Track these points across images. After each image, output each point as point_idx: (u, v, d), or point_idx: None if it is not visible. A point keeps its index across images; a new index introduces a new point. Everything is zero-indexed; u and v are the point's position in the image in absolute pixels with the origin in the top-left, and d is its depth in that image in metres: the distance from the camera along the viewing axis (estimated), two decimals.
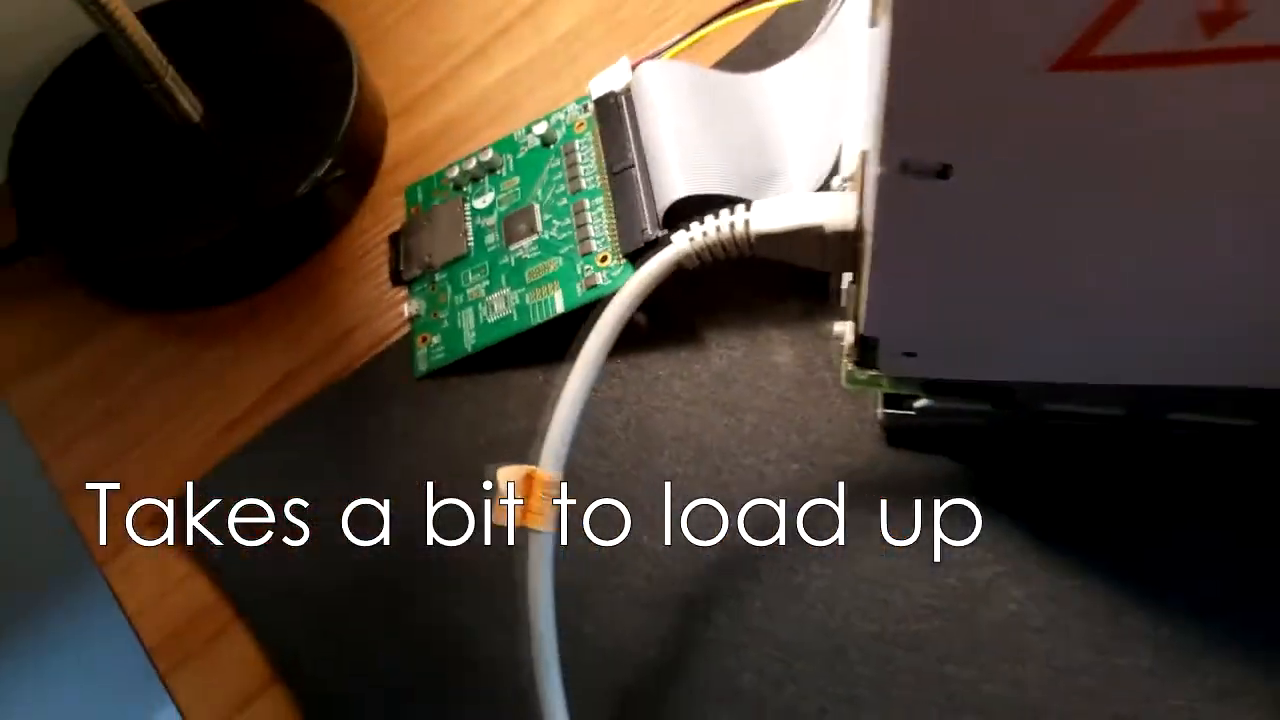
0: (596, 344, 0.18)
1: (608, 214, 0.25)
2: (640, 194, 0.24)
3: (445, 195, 0.29)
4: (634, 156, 0.25)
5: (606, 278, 0.24)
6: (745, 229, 0.18)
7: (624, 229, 0.24)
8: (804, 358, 0.25)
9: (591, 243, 0.25)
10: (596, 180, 0.26)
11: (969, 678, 0.20)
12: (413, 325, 0.27)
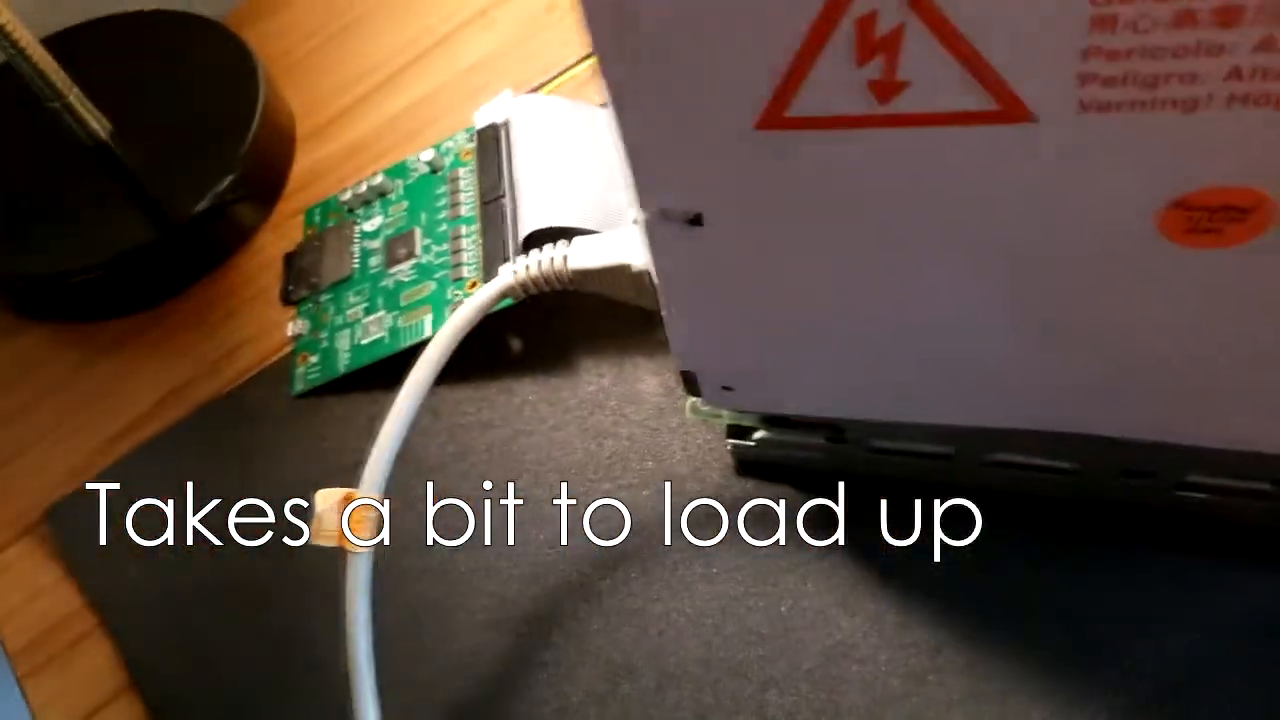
0: (422, 373, 0.19)
1: (479, 242, 0.26)
2: (507, 223, 0.25)
3: (339, 217, 0.30)
4: (505, 187, 0.26)
5: (470, 305, 0.25)
6: (563, 264, 0.19)
7: (489, 257, 0.25)
8: (667, 387, 0.26)
9: (464, 269, 0.26)
10: (475, 208, 0.27)
11: (787, 705, 0.21)
12: (295, 344, 0.28)
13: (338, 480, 0.26)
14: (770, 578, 0.23)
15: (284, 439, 0.27)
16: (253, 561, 0.25)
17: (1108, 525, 0.22)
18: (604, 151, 0.26)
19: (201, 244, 0.30)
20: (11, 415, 0.29)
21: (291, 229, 0.31)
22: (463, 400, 0.27)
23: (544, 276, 0.19)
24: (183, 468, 0.27)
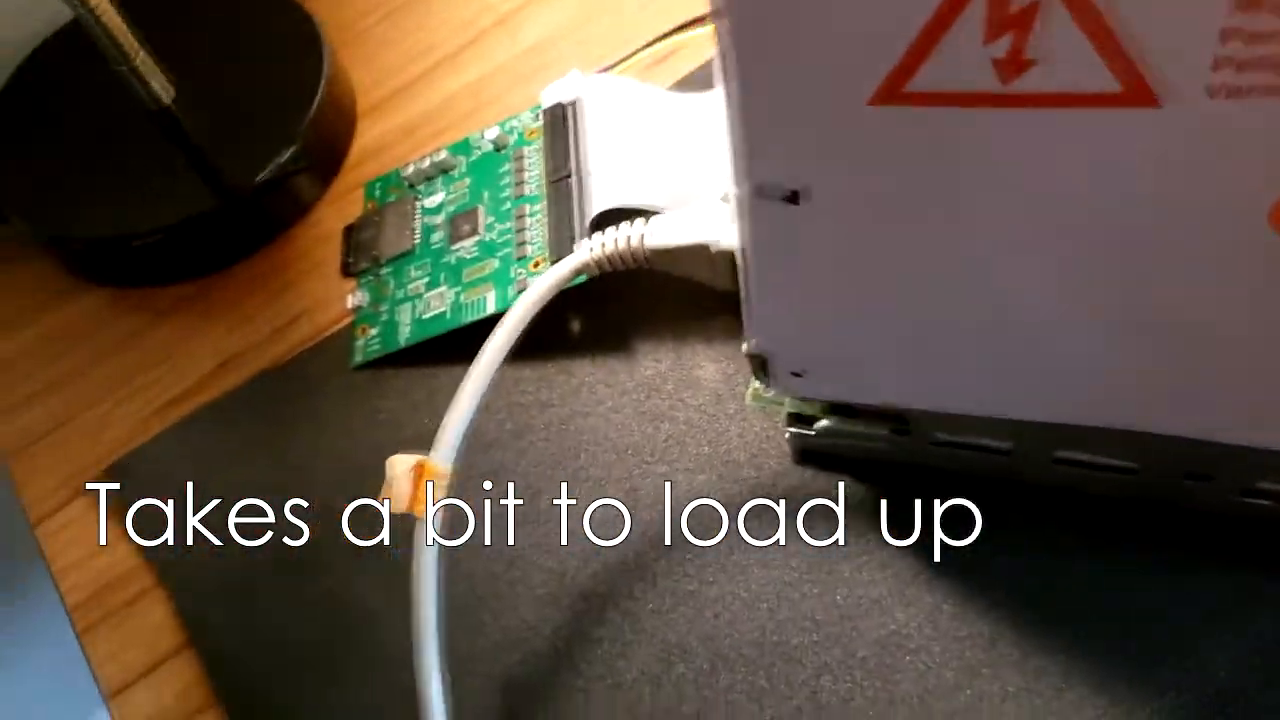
0: (497, 343, 0.20)
1: (545, 221, 0.27)
2: (574, 203, 0.26)
3: (400, 192, 0.30)
4: (573, 166, 0.26)
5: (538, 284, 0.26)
6: (640, 243, 0.19)
7: (555, 236, 0.26)
8: (725, 373, 0.26)
9: (527, 247, 0.27)
10: (539, 187, 0.28)
11: (841, 691, 0.21)
12: (355, 317, 0.29)
13: (394, 452, 0.26)
14: (826, 566, 0.23)
15: (342, 410, 0.27)
16: (309, 526, 0.25)
17: (1168, 527, 0.22)
18: (674, 135, 0.26)
19: (261, 214, 0.31)
20: (72, 375, 0.30)
21: (350, 203, 0.32)
22: (521, 378, 0.27)
23: (620, 254, 0.20)
24: (241, 434, 0.27)
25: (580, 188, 0.26)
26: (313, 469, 0.27)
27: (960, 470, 0.23)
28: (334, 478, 0.26)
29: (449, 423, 0.20)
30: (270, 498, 0.26)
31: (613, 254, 0.20)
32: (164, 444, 0.28)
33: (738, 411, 0.26)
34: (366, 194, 0.31)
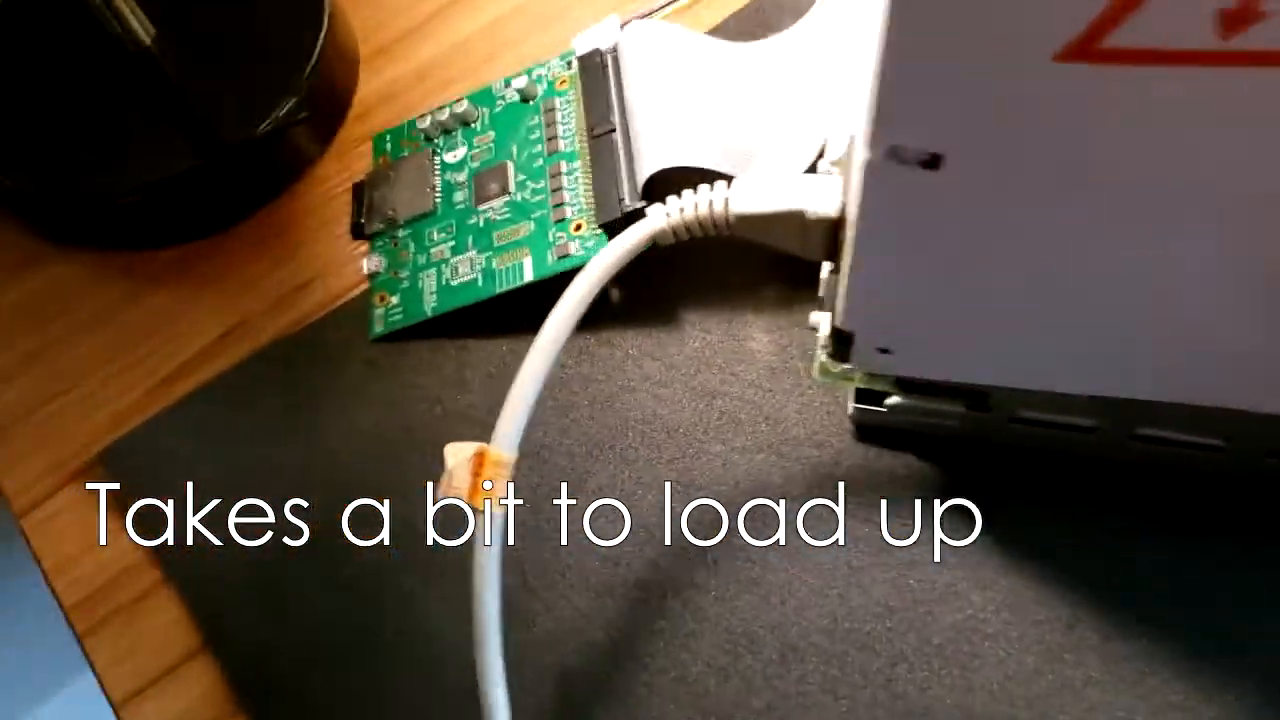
0: (560, 320, 0.18)
1: (585, 179, 0.25)
2: (620, 161, 0.24)
3: (415, 146, 0.28)
4: (616, 120, 0.25)
5: (580, 248, 0.24)
6: (724, 208, 0.18)
7: (601, 197, 0.24)
8: (779, 345, 0.25)
9: (566, 209, 0.25)
10: (576, 142, 0.26)
11: (918, 680, 0.21)
12: (371, 282, 0.27)
13: (426, 432, 0.25)
14: (891, 549, 0.22)
15: (368, 385, 0.25)
16: (334, 514, 0.24)
17: (1253, 506, 0.21)
18: (726, 88, 0.24)
19: (260, 170, 0.29)
20: (50, 350, 0.27)
21: (356, 158, 0.30)
22: (564, 351, 0.25)
23: (700, 220, 0.18)
24: (253, 412, 0.25)
25: (627, 145, 0.24)
26: (339, 450, 0.25)
27: (1032, 446, 0.22)
28: (364, 460, 0.24)
29: (511, 406, 0.18)
30: (293, 481, 0.24)
31: (692, 220, 0.18)
32: (164, 425, 0.26)
33: (794, 386, 0.24)
34: (376, 148, 0.29)
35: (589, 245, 0.24)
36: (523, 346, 0.24)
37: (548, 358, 0.18)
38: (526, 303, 0.25)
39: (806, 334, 0.25)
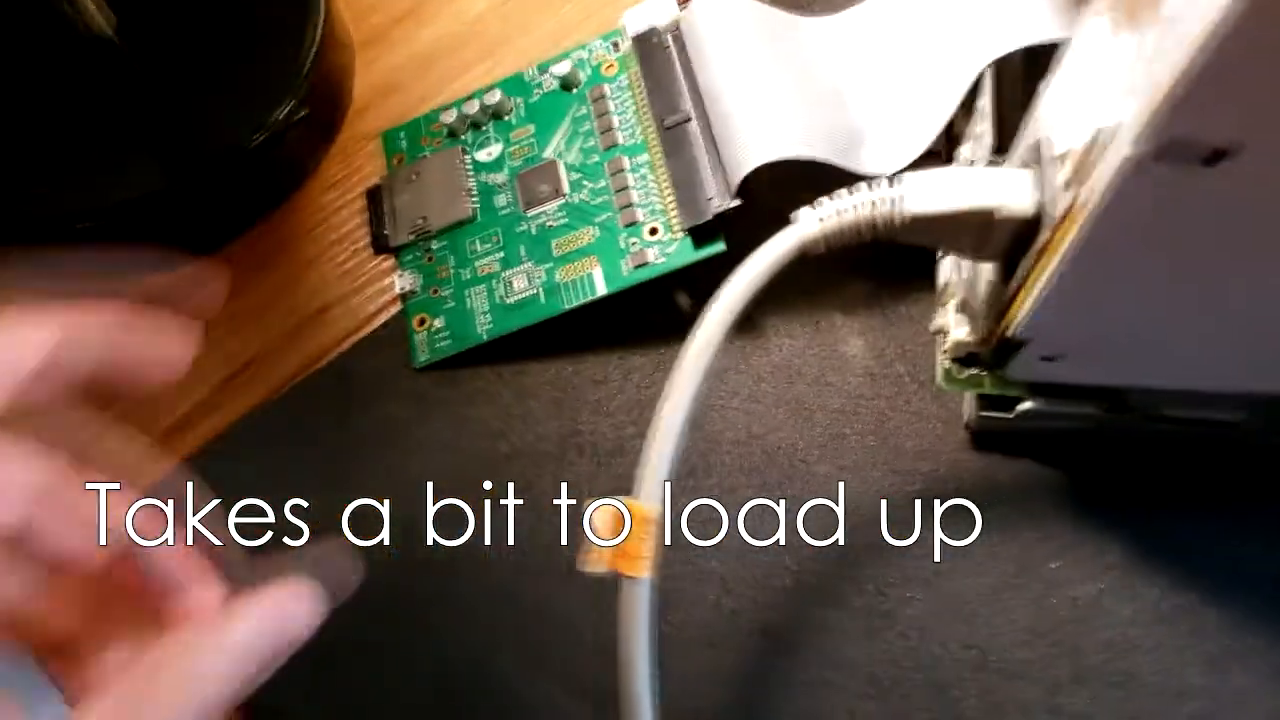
0: (700, 350, 0.16)
1: (656, 176, 0.22)
2: (702, 155, 0.22)
3: (438, 144, 0.25)
4: (689, 108, 0.22)
5: (659, 254, 0.22)
6: (894, 209, 0.16)
7: (684, 196, 0.21)
8: (875, 348, 0.23)
9: (636, 211, 0.22)
10: (637, 134, 0.23)
11: (1080, 709, 0.19)
12: (405, 304, 0.24)
13: (495, 474, 0.22)
14: (1029, 567, 0.21)
15: (410, 425, 0.22)
16: (388, 570, 0.21)
17: None
18: (808, 66, 0.22)
19: (257, 180, 0.25)
20: None
21: (363, 160, 0.26)
22: (634, 369, 0.23)
23: (865, 224, 0.16)
24: (273, 472, 0.22)
25: (708, 135, 0.22)
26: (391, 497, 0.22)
27: (1163, 443, 0.21)
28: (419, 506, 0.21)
29: (654, 453, 0.16)
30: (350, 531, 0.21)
31: (853, 224, 0.16)
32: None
33: (896, 393, 0.23)
34: (388, 147, 0.26)
35: (669, 251, 0.22)
36: (589, 366, 0.22)
37: (689, 394, 0.16)
38: (588, 317, 0.22)
39: (904, 334, 0.23)
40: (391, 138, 0.26)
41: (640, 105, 0.23)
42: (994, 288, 0.17)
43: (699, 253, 0.21)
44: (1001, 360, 0.18)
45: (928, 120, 0.20)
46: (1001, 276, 0.17)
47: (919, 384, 0.22)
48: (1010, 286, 0.16)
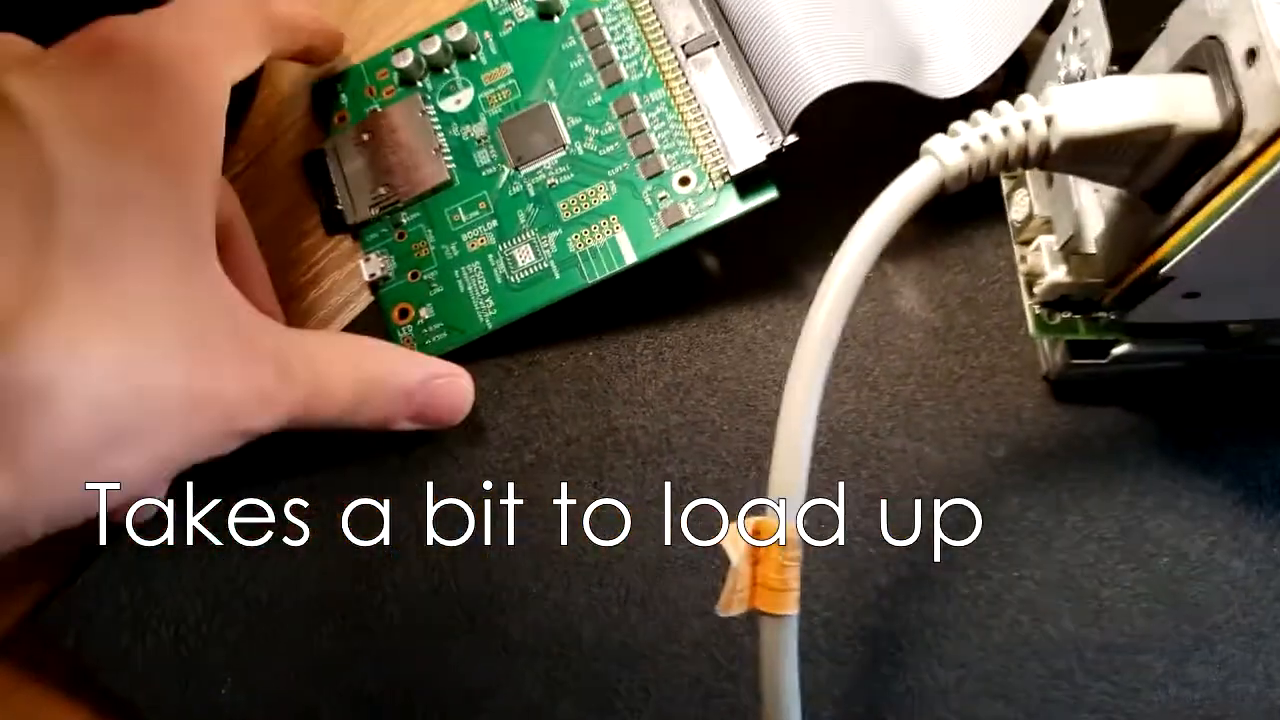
0: (826, 328, 0.13)
1: (683, 114, 0.19)
2: (738, 83, 0.18)
3: (389, 94, 0.21)
4: (713, 27, 0.19)
5: (696, 209, 0.18)
6: (1048, 129, 0.13)
7: (724, 136, 0.18)
8: (933, 299, 0.21)
9: (660, 158, 0.19)
10: (646, 65, 0.19)
11: (1212, 677, 0.18)
12: (377, 293, 0.19)
13: (530, 484, 0.18)
14: (1132, 527, 0.19)
15: (410, 434, 0.18)
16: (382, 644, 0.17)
17: None
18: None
19: None
20: None
21: (291, 119, 0.22)
22: (666, 346, 0.20)
23: (1012, 151, 0.13)
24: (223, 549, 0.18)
25: (742, 60, 0.18)
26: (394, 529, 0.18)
27: (1257, 375, 0.19)
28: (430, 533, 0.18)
29: (781, 463, 0.13)
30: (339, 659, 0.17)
31: (1002, 151, 0.13)
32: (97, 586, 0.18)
33: (963, 347, 0.20)
34: (320, 104, 0.21)
35: (709, 205, 0.19)
36: (612, 349, 0.19)
37: (817, 383, 0.13)
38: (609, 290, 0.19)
39: (961, 281, 0.21)
40: (324, 91, 0.21)
41: (647, 30, 0.20)
42: (1133, 221, 0.15)
43: (747, 202, 0.18)
44: (1130, 302, 0.16)
45: (1006, 25, 0.17)
46: (1152, 206, 0.14)
47: (985, 335, 0.20)
48: (1167, 218, 0.14)
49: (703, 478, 0.19)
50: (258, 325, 0.16)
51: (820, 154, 0.18)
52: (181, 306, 0.14)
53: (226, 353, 0.15)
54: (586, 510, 0.19)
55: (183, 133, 0.15)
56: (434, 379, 0.18)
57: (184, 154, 0.15)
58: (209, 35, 0.16)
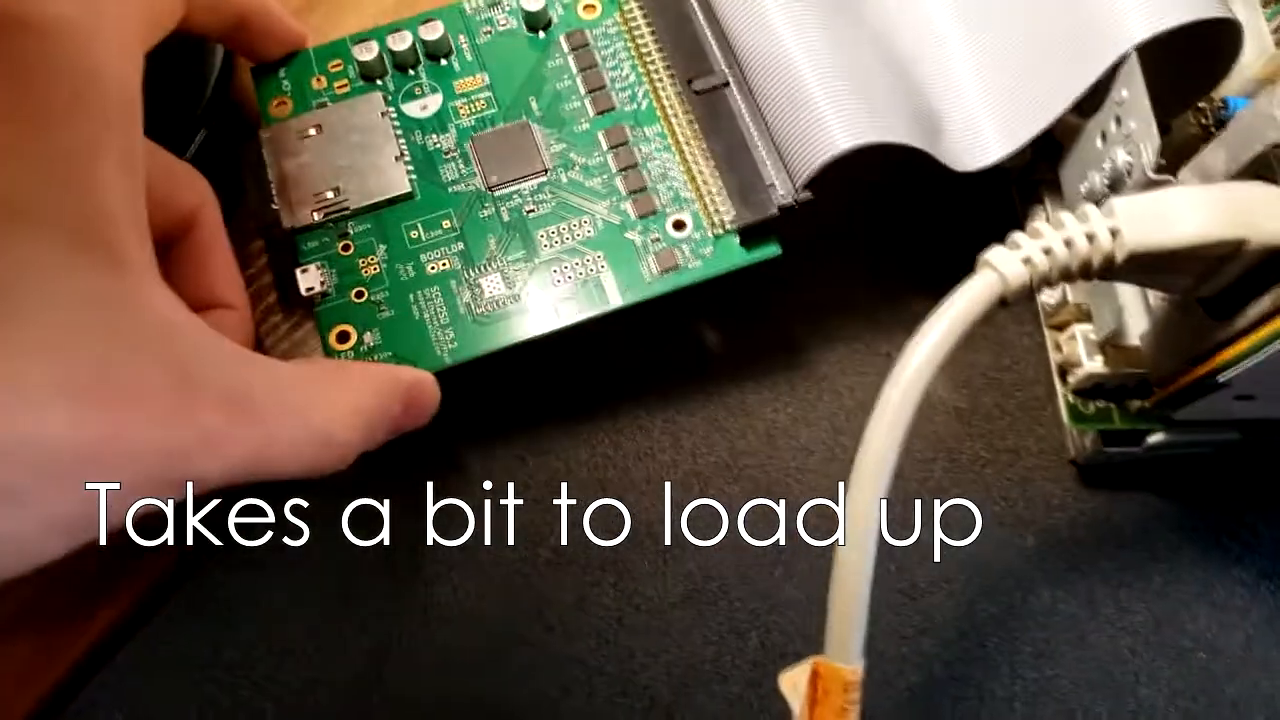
0: (880, 452, 0.12)
1: (678, 154, 0.17)
2: (749, 130, 0.17)
3: (342, 88, 0.18)
4: (722, 67, 0.17)
5: (693, 255, 0.17)
6: (1114, 242, 0.12)
7: (733, 184, 0.17)
8: (957, 378, 0.20)
9: (654, 197, 0.17)
10: (641, 96, 0.18)
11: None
12: (314, 310, 0.16)
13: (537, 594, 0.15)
14: (1166, 619, 0.18)
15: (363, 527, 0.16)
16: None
17: None
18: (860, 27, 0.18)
19: None
20: None
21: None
22: (684, 432, 0.19)
23: (1070, 265, 0.13)
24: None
25: (755, 107, 0.17)
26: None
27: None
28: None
29: (839, 596, 0.11)
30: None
31: (1064, 264, 0.12)
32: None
33: (990, 430, 0.19)
34: (263, 89, 0.19)
35: (707, 253, 0.17)
36: (630, 434, 0.19)
37: (875, 507, 0.11)
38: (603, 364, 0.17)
39: (984, 359, 0.20)
40: (266, 77, 0.19)
41: (644, 60, 0.18)
42: (1185, 323, 0.14)
43: (749, 256, 0.17)
44: (1179, 403, 0.15)
45: (1035, 105, 0.17)
46: (1208, 312, 0.14)
47: (1010, 416, 0.19)
48: (1228, 326, 0.13)
49: (726, 576, 0.17)
50: (202, 354, 0.13)
51: (818, 211, 0.17)
52: (82, 338, 0.12)
53: (151, 389, 0.12)
54: (607, 612, 0.17)
55: (86, 125, 0.13)
56: (412, 388, 0.16)
57: (87, 150, 0.12)
58: (111, 2, 0.14)
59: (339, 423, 0.14)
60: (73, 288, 0.12)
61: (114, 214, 0.12)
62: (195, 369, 0.12)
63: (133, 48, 0.14)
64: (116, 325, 0.12)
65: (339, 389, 0.14)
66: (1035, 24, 0.17)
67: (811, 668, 0.11)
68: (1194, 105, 0.17)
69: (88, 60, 0.13)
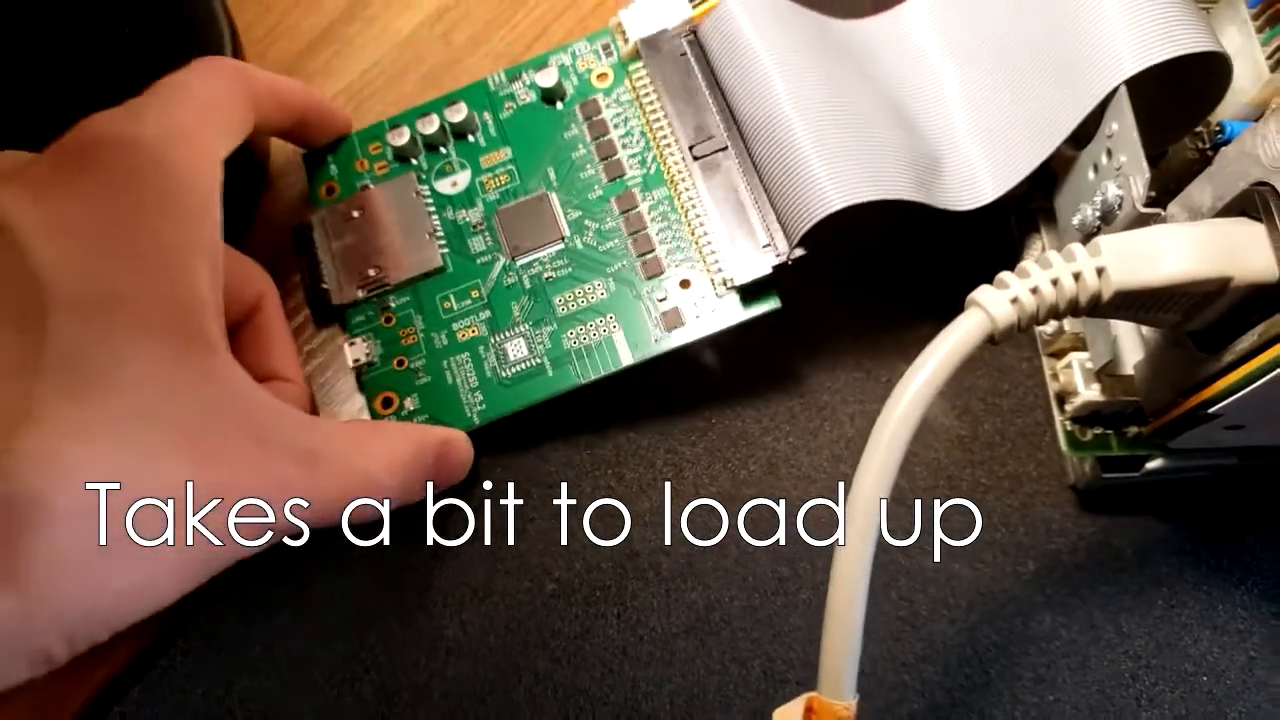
0: (869, 495, 0.13)
1: (682, 215, 0.20)
2: (744, 191, 0.19)
3: (381, 170, 0.21)
4: (722, 132, 0.19)
5: (697, 313, 0.19)
6: (1099, 280, 0.14)
7: (730, 244, 0.19)
8: (956, 405, 0.21)
9: (661, 259, 0.19)
10: (650, 160, 0.20)
11: None
12: (361, 380, 0.19)
13: (542, 625, 0.18)
14: (1167, 643, 0.19)
15: (396, 563, 0.19)
16: None
17: None
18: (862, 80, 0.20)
19: None
20: None
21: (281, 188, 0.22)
22: (686, 463, 0.20)
23: (1057, 304, 0.14)
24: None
25: (751, 169, 0.19)
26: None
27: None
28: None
29: (833, 631, 0.13)
30: None
31: (1051, 303, 0.14)
32: None
33: (990, 457, 0.21)
34: (315, 175, 0.22)
35: (710, 310, 0.19)
36: (634, 466, 0.20)
37: (868, 546, 0.13)
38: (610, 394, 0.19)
39: (982, 384, 0.21)
40: (315, 161, 0.22)
41: (650, 125, 0.20)
42: (1176, 355, 0.15)
43: (749, 310, 0.19)
44: (1172, 433, 0.16)
45: (1029, 141, 0.18)
46: (1197, 345, 0.15)
47: (1010, 442, 0.21)
48: (1216, 360, 0.15)
49: (729, 605, 0.19)
50: (273, 417, 0.16)
51: (819, 242, 0.19)
52: (178, 405, 0.14)
53: (235, 447, 0.15)
54: (611, 642, 0.19)
55: (174, 224, 0.16)
56: (445, 445, 0.18)
57: (177, 246, 0.15)
58: (192, 115, 0.17)
59: (381, 471, 0.16)
60: (175, 359, 0.14)
61: (198, 298, 0.15)
62: (269, 432, 0.15)
63: (213, 156, 0.17)
64: (207, 392, 0.15)
65: (380, 443, 0.17)
66: (1024, 60, 0.19)
67: (806, 704, 0.13)
68: (1184, 137, 0.17)
69: (173, 168, 0.16)
